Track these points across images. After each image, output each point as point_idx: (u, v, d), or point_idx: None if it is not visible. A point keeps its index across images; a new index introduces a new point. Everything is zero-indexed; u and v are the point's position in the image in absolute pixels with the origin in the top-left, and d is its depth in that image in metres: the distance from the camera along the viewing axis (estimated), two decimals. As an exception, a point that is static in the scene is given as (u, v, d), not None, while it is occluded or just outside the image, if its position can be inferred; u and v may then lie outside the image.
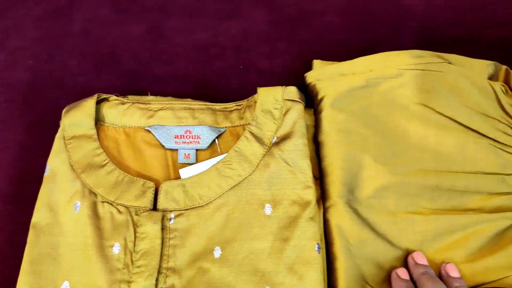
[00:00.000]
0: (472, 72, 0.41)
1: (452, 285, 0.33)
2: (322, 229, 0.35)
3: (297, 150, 0.35)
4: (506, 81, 0.43)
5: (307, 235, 0.33)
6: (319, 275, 0.32)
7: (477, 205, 0.38)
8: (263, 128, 0.36)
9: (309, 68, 0.44)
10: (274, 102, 0.37)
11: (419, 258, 0.35)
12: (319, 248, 0.33)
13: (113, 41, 0.48)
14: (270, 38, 0.48)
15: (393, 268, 0.34)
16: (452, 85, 0.41)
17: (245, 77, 0.46)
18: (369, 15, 0.50)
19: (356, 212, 0.36)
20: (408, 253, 0.35)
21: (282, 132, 0.36)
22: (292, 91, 0.37)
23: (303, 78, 0.43)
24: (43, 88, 0.46)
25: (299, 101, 0.37)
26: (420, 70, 0.41)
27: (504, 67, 0.43)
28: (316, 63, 0.44)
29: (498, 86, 0.41)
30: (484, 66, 0.42)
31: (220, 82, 0.46)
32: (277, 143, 0.36)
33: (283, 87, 0.37)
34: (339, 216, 0.36)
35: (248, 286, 0.32)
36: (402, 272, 0.34)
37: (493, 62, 0.43)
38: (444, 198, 0.37)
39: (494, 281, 0.35)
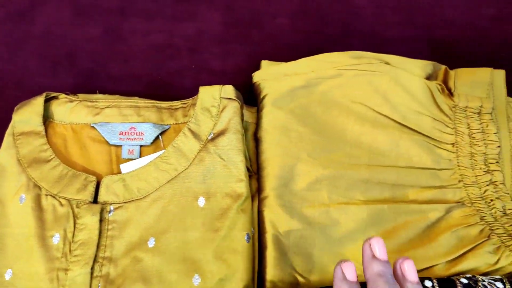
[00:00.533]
0: (409, 72, 0.43)
1: (404, 285, 0.26)
2: (255, 220, 0.37)
3: (231, 146, 0.37)
4: (444, 81, 0.44)
5: (237, 225, 0.35)
6: (247, 264, 0.34)
7: (409, 198, 0.39)
8: (201, 124, 0.38)
9: (259, 68, 0.46)
10: (212, 100, 0.38)
11: (379, 248, 0.26)
12: (248, 238, 0.35)
13: (72, 42, 0.50)
14: (223, 39, 0.50)
15: (322, 256, 0.36)
16: (388, 85, 0.42)
17: (198, 77, 0.48)
18: (320, 17, 0.52)
19: (288, 204, 0.38)
20: (339, 242, 0.37)
21: (218, 128, 0.38)
22: (228, 90, 0.39)
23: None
24: (4, 88, 0.48)
25: (235, 99, 0.38)
26: (358, 70, 0.43)
27: (443, 67, 0.45)
28: (264, 63, 0.46)
29: (434, 85, 0.43)
30: (421, 66, 0.44)
31: (173, 81, 0.48)
32: (212, 139, 0.37)
33: (221, 86, 0.39)
34: (271, 207, 0.37)
35: (178, 274, 0.33)
36: (349, 270, 0.26)
37: (431, 62, 0.45)
38: (376, 190, 0.39)
39: (421, 270, 0.36)
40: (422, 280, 0.34)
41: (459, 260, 0.36)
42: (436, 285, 0.33)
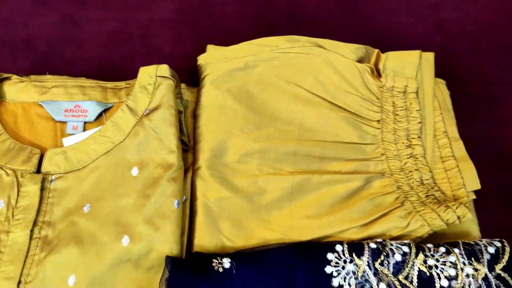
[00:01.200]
0: (341, 55, 0.46)
1: None
2: (188, 189, 0.40)
3: (164, 120, 0.40)
4: (376, 63, 0.47)
5: (167, 192, 0.38)
6: (175, 227, 0.37)
7: (334, 169, 0.42)
8: (138, 102, 0.41)
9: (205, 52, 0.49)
10: (149, 78, 0.41)
11: None
12: (178, 204, 0.38)
13: (31, 29, 0.53)
14: (174, 26, 0.53)
15: (249, 221, 0.39)
16: (320, 66, 0.45)
17: (148, 61, 0.51)
18: (266, 5, 0.55)
19: (219, 174, 0.41)
20: (265, 209, 0.40)
21: (153, 104, 0.41)
22: (164, 69, 0.42)
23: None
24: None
25: (169, 78, 0.41)
26: (293, 53, 0.46)
27: (376, 50, 0.48)
28: (209, 47, 0.49)
29: (363, 67, 0.45)
30: (353, 50, 0.46)
31: (125, 65, 0.51)
32: (147, 114, 0.40)
33: (157, 65, 0.42)
34: (203, 177, 0.40)
35: (109, 236, 0.36)
36: None
37: (364, 46, 0.47)
38: (303, 163, 0.42)
39: (337, 232, 0.39)
40: (333, 244, 0.37)
41: (372, 224, 0.38)
42: (346, 249, 0.36)
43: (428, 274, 0.35)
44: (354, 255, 0.36)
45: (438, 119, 0.45)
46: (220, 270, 0.34)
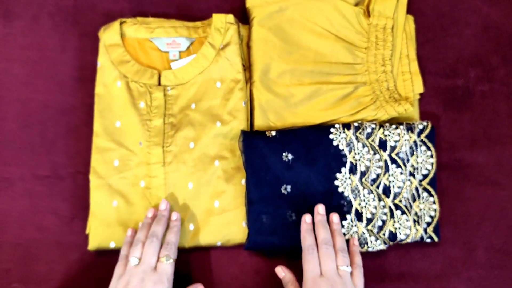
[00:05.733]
0: (344, 1, 0.68)
1: (331, 226, 0.59)
2: (248, 95, 0.67)
3: (233, 52, 0.65)
4: (367, 6, 0.70)
5: (238, 96, 0.65)
6: (244, 116, 0.65)
7: (336, 81, 0.69)
8: (215, 40, 0.65)
9: None
10: (221, 23, 0.65)
11: (319, 209, 0.59)
12: (245, 103, 0.65)
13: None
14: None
15: (284, 113, 0.67)
16: (329, 10, 0.68)
17: (210, 1, 0.73)
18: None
19: (266, 85, 0.67)
20: (294, 105, 0.67)
21: (225, 42, 0.65)
22: (230, 17, 0.65)
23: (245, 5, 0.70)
24: (84, 10, 0.72)
25: (234, 23, 0.65)
26: (309, 1, 0.68)
27: (368, -4, 0.70)
28: (253, -7, 0.70)
29: (358, 10, 0.68)
30: (352, -4, 0.69)
31: (193, 4, 0.72)
32: (222, 48, 0.65)
33: (226, 14, 0.65)
34: (257, 87, 0.67)
35: (208, 121, 0.64)
36: (307, 218, 0.58)
37: (360, -7, 0.69)
38: (317, 77, 0.68)
39: (336, 119, 0.67)
40: (333, 124, 0.65)
41: (356, 114, 0.67)
42: (341, 126, 0.65)
43: (384, 138, 0.65)
44: (345, 129, 0.65)
45: (404, 46, 0.69)
46: (270, 136, 0.64)
